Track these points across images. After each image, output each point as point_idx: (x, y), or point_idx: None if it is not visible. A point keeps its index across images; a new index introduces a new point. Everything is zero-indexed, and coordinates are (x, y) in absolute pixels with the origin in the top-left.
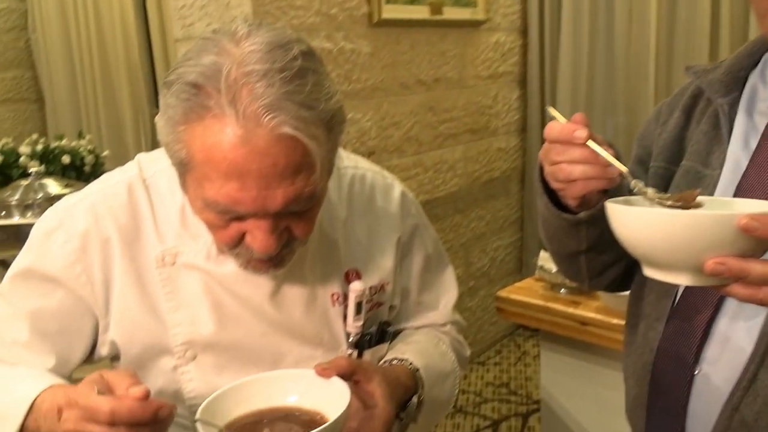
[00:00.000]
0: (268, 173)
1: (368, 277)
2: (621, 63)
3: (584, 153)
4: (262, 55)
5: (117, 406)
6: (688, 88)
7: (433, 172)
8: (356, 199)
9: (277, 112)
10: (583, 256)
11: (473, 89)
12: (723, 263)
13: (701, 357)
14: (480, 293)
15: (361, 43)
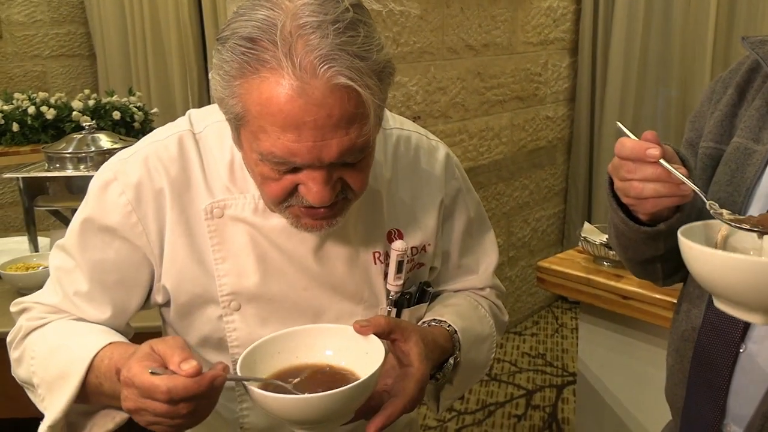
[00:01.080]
0: (323, 124)
1: (410, 237)
2: (677, 31)
3: (656, 171)
4: (315, 8)
5: (172, 385)
6: (744, 63)
7: (478, 139)
8: (401, 160)
9: (332, 63)
10: (660, 261)
11: (522, 55)
12: None
13: (747, 335)
14: (520, 263)
15: (411, 5)
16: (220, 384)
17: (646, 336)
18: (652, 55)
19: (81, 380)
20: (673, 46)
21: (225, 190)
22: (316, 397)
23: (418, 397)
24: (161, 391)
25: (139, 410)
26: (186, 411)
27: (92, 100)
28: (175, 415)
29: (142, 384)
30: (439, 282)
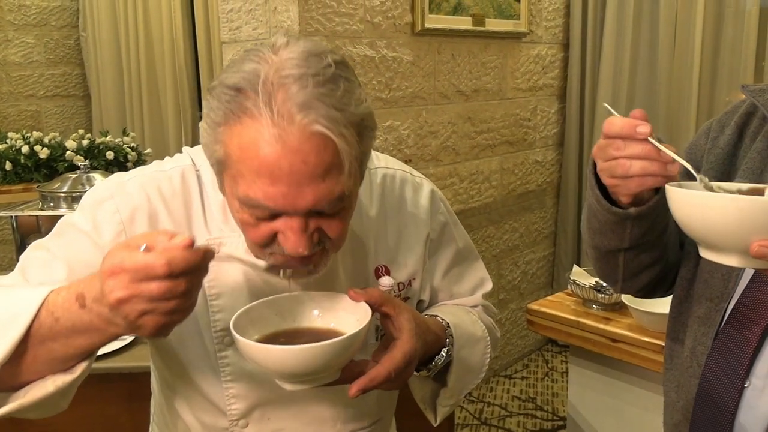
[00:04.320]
0: (298, 170)
1: (397, 272)
2: (663, 80)
3: (645, 149)
4: (298, 61)
5: (171, 256)
6: (740, 106)
7: (468, 183)
8: (387, 197)
9: (309, 111)
10: (623, 254)
11: (512, 101)
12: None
13: (752, 371)
14: (510, 306)
15: (403, 51)
16: (211, 257)
17: (635, 379)
18: (638, 102)
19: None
20: (658, 94)
21: (219, 229)
22: (301, 349)
23: (404, 368)
24: (160, 264)
25: (130, 298)
26: (184, 288)
27: (86, 140)
28: (173, 294)
29: (135, 264)
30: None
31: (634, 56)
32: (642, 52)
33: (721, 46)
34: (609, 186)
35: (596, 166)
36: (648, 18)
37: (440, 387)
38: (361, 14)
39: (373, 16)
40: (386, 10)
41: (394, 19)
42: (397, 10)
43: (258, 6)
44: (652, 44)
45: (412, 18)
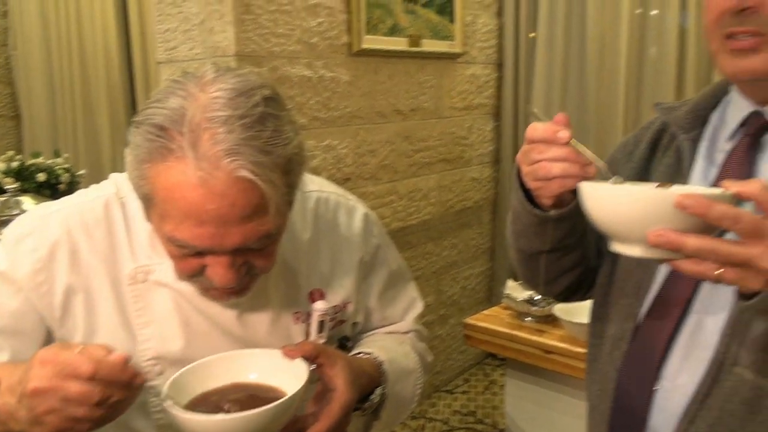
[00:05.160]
0: (225, 213)
1: (331, 296)
2: (592, 98)
3: (565, 151)
4: (226, 101)
5: (99, 363)
6: (654, 123)
7: (407, 200)
8: (320, 221)
9: (235, 156)
10: (545, 256)
11: (449, 120)
12: (662, 235)
13: (661, 373)
14: (450, 321)
15: (341, 71)
16: (138, 385)
17: (568, 389)
18: (571, 115)
19: None
20: (588, 110)
21: (147, 256)
22: (238, 417)
23: (342, 420)
24: (87, 366)
25: (47, 391)
26: (98, 398)
27: (16, 162)
28: (86, 400)
29: (64, 359)
30: (365, 332)
31: (564, 75)
32: (572, 71)
33: (645, 65)
34: (533, 189)
35: (521, 171)
36: (577, 38)
37: (373, 419)
38: (298, 35)
39: (310, 37)
40: (323, 31)
41: (331, 39)
42: (334, 31)
43: (194, 26)
44: (580, 63)
45: (349, 39)
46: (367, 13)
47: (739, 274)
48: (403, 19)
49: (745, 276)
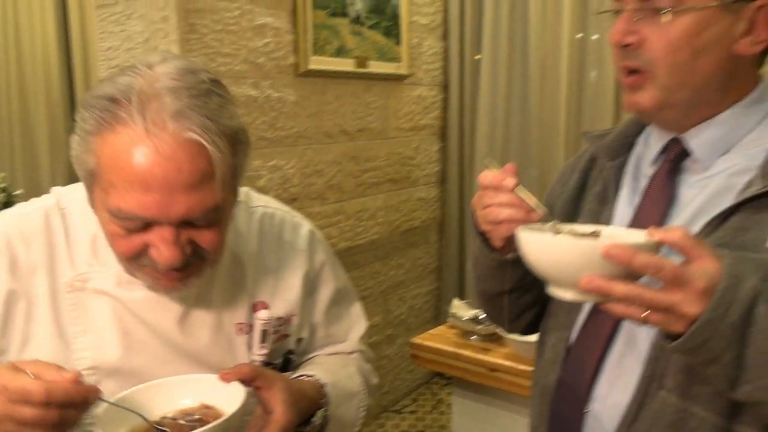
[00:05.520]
0: (172, 178)
1: (275, 308)
2: (534, 120)
3: (511, 198)
4: (173, 75)
5: (52, 386)
6: (587, 151)
7: (354, 220)
8: (266, 234)
9: (182, 119)
10: (506, 296)
11: (395, 140)
12: (591, 282)
13: (592, 395)
14: (398, 341)
15: (287, 91)
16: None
17: (514, 406)
18: (514, 140)
19: None
20: (531, 132)
21: (87, 264)
22: None
23: None
24: (38, 392)
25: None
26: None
27: None
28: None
29: (16, 386)
30: (309, 350)
31: (507, 97)
32: (515, 93)
33: (585, 88)
34: (485, 232)
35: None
36: (519, 61)
37: None
38: (244, 55)
39: (257, 57)
40: (269, 51)
41: (277, 60)
42: (281, 51)
43: (137, 45)
44: (523, 86)
45: (295, 59)
46: (313, 34)
47: (663, 318)
48: (350, 40)
49: (668, 320)
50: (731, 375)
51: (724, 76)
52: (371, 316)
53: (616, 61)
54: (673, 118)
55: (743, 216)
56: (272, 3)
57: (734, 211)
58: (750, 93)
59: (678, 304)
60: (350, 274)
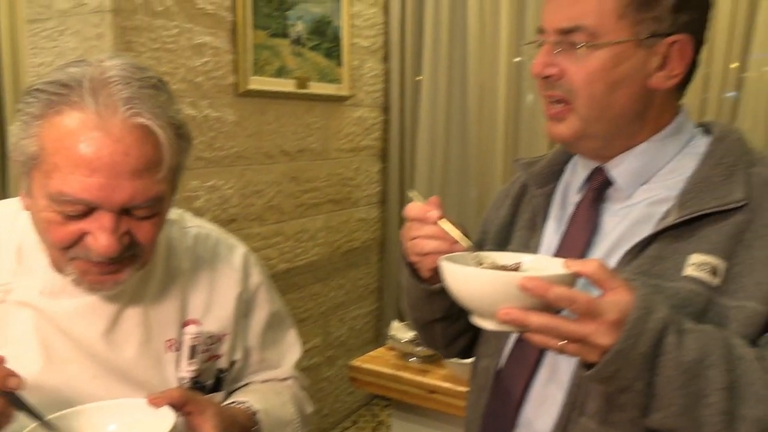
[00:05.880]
0: (118, 161)
1: (207, 324)
2: (473, 140)
3: (436, 230)
4: (123, 68)
5: None
6: (519, 178)
7: (294, 241)
8: (200, 255)
9: (133, 105)
10: (439, 324)
11: (336, 161)
12: (508, 313)
13: (518, 421)
14: (338, 363)
15: (226, 111)
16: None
17: (452, 428)
18: (453, 161)
19: None
20: (470, 153)
21: (11, 274)
22: None
23: None
24: None
25: None
26: None
27: None
28: None
29: None
30: (243, 375)
31: (447, 119)
32: (454, 115)
33: (521, 111)
34: (413, 263)
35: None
36: (458, 84)
37: None
38: (182, 74)
39: (195, 76)
40: (208, 70)
41: (216, 79)
42: (220, 71)
43: None
44: (463, 108)
45: (235, 79)
46: (254, 54)
47: (578, 348)
48: (290, 61)
49: (583, 350)
50: (643, 403)
51: (640, 109)
52: (311, 337)
53: (540, 90)
54: (593, 148)
55: (661, 245)
56: (212, 22)
57: (652, 240)
58: (669, 124)
59: (591, 335)
60: (290, 295)
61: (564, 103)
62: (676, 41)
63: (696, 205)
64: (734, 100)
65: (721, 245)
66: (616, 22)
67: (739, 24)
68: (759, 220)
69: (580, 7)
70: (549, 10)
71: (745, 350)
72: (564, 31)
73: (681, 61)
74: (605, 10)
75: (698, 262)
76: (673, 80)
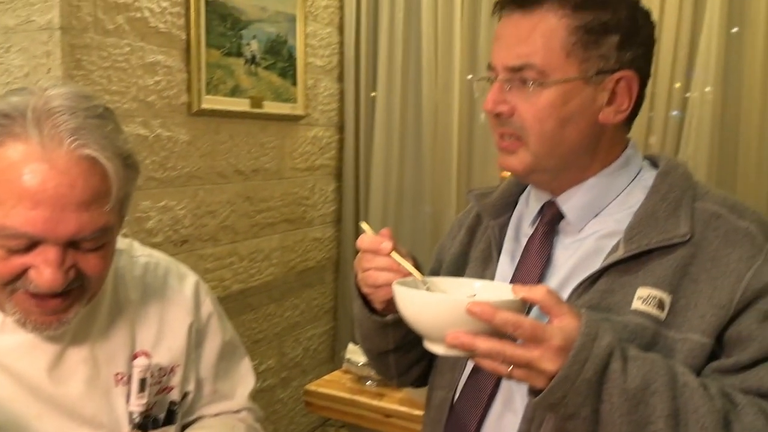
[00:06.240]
0: (63, 194)
1: (157, 357)
2: (428, 159)
3: (389, 262)
4: (68, 97)
5: None
6: (474, 207)
7: (248, 261)
8: (150, 285)
9: (79, 136)
10: (392, 355)
11: (291, 180)
12: (457, 337)
13: None
14: (293, 384)
15: (179, 131)
16: None
17: None
18: (408, 179)
19: None
20: (424, 171)
21: None
22: None
23: None
24: None
25: None
26: None
27: None
28: None
29: None
30: (195, 408)
31: (402, 138)
32: (409, 134)
33: (475, 128)
34: (366, 295)
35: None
36: (413, 103)
37: None
38: (133, 93)
39: (147, 95)
40: (161, 89)
41: (169, 99)
42: (173, 90)
43: (17, 80)
44: (417, 127)
45: (188, 98)
46: (207, 73)
47: (525, 373)
48: (245, 80)
49: (530, 375)
50: (590, 430)
51: (590, 144)
52: (266, 359)
53: (492, 127)
54: (544, 181)
55: (609, 279)
56: (164, 41)
57: (601, 275)
58: (618, 158)
59: (536, 360)
60: (244, 317)
61: (517, 138)
62: (623, 77)
63: (642, 240)
64: (678, 119)
65: (667, 279)
66: (563, 60)
67: (682, 45)
68: (702, 254)
69: (528, 46)
70: (498, 47)
71: (689, 378)
72: (513, 69)
73: (628, 96)
74: (553, 48)
75: (645, 295)
76: (621, 115)
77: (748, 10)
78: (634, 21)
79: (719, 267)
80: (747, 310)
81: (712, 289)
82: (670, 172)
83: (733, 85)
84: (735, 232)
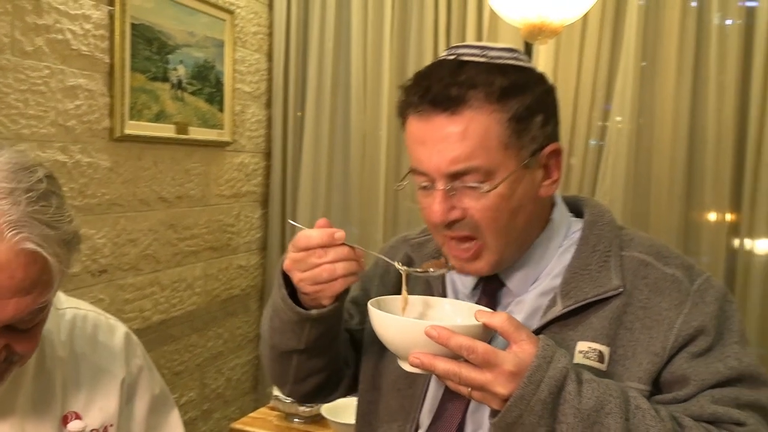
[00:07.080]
0: (2, 285)
1: (90, 418)
2: (355, 187)
3: (345, 251)
4: (8, 174)
5: None
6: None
7: (170, 291)
8: (78, 340)
9: (21, 229)
10: (297, 356)
11: (216, 207)
12: (418, 357)
13: None
14: (214, 416)
15: (100, 157)
16: None
17: None
18: (336, 203)
19: None
20: (352, 199)
21: None
22: None
23: None
24: None
25: None
26: None
27: None
28: None
29: None
30: None
31: (330, 166)
32: (336, 162)
33: (403, 157)
34: (311, 293)
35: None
36: (341, 131)
37: None
38: (52, 117)
39: (67, 120)
40: (81, 114)
41: (90, 123)
42: (94, 114)
43: None
44: (345, 155)
45: (110, 123)
46: (131, 98)
47: (481, 395)
48: (170, 106)
49: (485, 397)
50: None
51: (534, 219)
52: (187, 391)
53: (442, 235)
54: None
55: (550, 334)
56: (86, 64)
57: (541, 332)
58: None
59: (489, 383)
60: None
61: (472, 240)
62: (552, 151)
63: (579, 295)
64: (597, 147)
65: (604, 331)
66: (503, 155)
67: (600, 78)
68: (634, 303)
69: (464, 149)
70: (427, 153)
71: (641, 401)
72: (455, 175)
73: (557, 165)
74: (490, 147)
75: (585, 349)
76: (556, 184)
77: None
78: (548, 94)
79: (651, 316)
80: (679, 353)
81: (648, 338)
82: (597, 221)
83: (646, 116)
84: (663, 279)
